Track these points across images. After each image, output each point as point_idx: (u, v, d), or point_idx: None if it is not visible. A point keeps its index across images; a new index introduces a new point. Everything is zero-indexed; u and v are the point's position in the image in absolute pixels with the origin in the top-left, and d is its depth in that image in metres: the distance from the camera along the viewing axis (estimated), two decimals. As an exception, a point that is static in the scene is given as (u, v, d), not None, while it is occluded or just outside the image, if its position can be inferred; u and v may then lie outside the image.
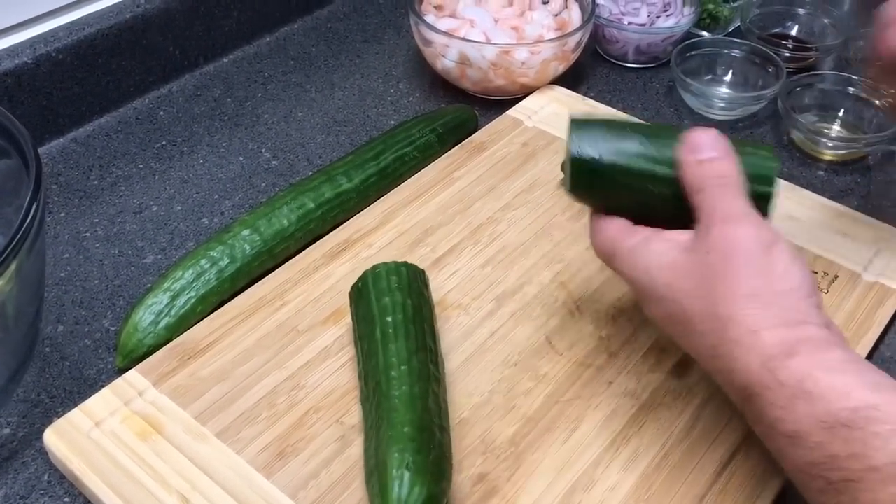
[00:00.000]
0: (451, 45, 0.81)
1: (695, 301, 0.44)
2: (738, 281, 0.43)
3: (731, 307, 0.42)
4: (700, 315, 0.44)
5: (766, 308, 0.42)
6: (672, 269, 0.45)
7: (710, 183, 0.46)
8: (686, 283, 0.44)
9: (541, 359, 0.59)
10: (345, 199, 0.69)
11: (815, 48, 0.91)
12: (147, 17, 0.83)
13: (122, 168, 0.78)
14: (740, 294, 0.43)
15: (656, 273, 0.46)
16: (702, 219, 0.46)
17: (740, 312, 0.42)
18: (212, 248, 0.63)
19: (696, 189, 0.46)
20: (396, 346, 0.53)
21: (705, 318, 0.43)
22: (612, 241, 0.49)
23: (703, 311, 0.43)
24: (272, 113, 0.85)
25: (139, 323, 0.60)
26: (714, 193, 0.45)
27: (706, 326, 0.43)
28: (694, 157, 0.47)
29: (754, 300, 0.42)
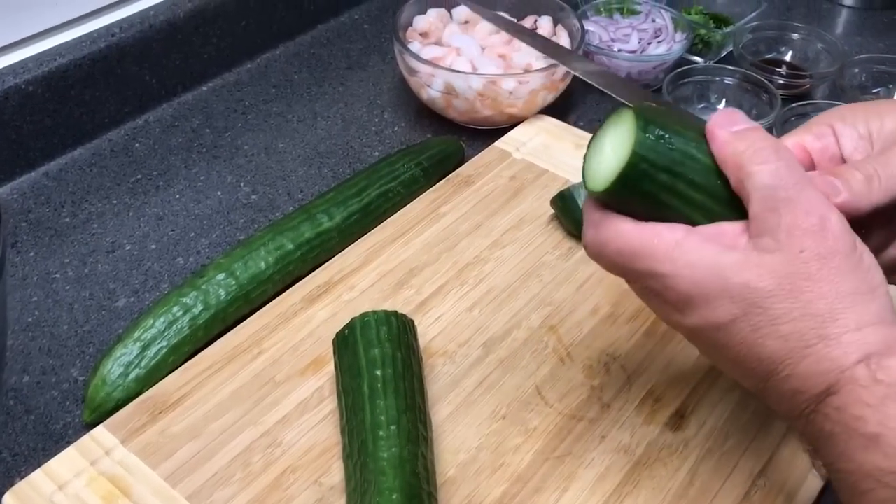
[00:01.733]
0: (436, 75, 0.79)
1: (780, 301, 0.39)
2: (838, 279, 0.39)
3: (830, 305, 0.39)
4: (785, 315, 0.39)
5: (866, 304, 0.39)
6: (748, 266, 0.40)
7: (766, 157, 0.40)
8: (769, 281, 0.39)
9: (530, 411, 0.56)
10: (325, 238, 0.66)
11: (810, 75, 0.89)
12: (122, 46, 0.80)
13: (96, 204, 0.75)
14: (842, 292, 0.39)
15: (728, 269, 0.40)
16: (769, 209, 0.40)
17: (842, 310, 0.39)
18: (185, 294, 0.60)
19: (745, 166, 0.40)
20: (385, 404, 0.50)
21: (794, 318, 0.39)
22: (645, 235, 0.41)
23: (793, 310, 0.39)
24: (252, 144, 0.82)
25: (107, 376, 0.57)
26: (778, 175, 0.40)
27: (795, 326, 0.39)
28: (728, 129, 0.41)
29: (855, 298, 0.39)
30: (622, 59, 0.85)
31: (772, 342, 0.40)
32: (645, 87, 0.88)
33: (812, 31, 0.92)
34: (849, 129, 0.46)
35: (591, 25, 0.89)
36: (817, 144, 0.45)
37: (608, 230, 0.42)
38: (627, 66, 0.86)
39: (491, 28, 0.86)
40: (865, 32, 1.01)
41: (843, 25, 1.03)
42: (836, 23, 1.03)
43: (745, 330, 0.40)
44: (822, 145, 0.45)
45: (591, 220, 0.43)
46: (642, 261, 0.41)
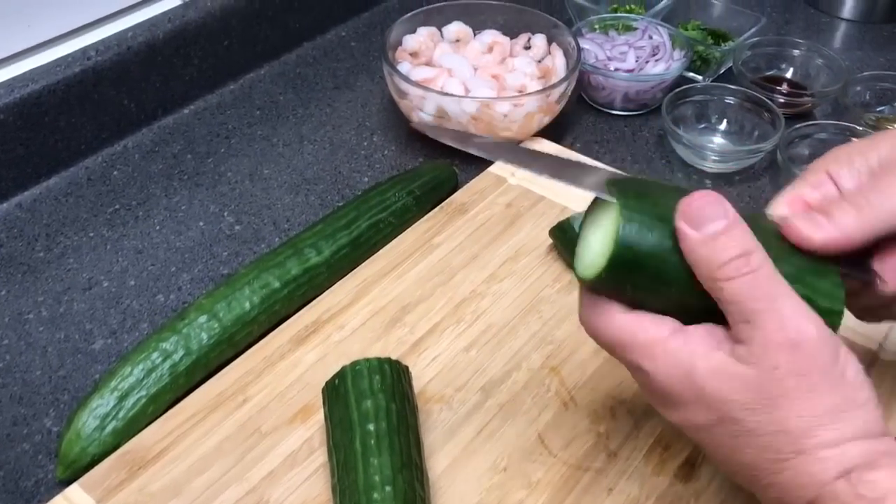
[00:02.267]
0: (427, 98, 0.75)
1: (754, 415, 0.38)
2: (815, 397, 0.38)
3: (807, 422, 0.38)
4: (760, 429, 0.38)
5: (846, 421, 0.38)
6: (723, 377, 0.38)
7: (736, 270, 0.37)
8: (743, 395, 0.38)
9: (533, 461, 0.53)
10: (314, 274, 0.63)
11: (812, 94, 0.86)
12: (98, 69, 0.76)
13: (71, 237, 0.72)
14: (819, 412, 0.38)
15: (703, 378, 0.38)
16: (743, 321, 0.38)
17: (819, 427, 0.37)
18: (164, 339, 0.57)
19: (715, 278, 0.38)
20: (379, 462, 0.47)
21: (768, 432, 0.38)
22: (630, 330, 0.40)
23: (767, 425, 0.38)
24: (236, 170, 0.79)
25: (82, 429, 0.53)
26: (749, 287, 0.37)
27: (770, 441, 0.38)
28: (699, 231, 0.38)
29: (834, 416, 0.38)
30: (619, 79, 0.83)
31: (750, 451, 0.39)
32: (642, 107, 0.86)
33: (812, 46, 0.90)
34: (845, 168, 0.44)
35: (587, 43, 0.86)
36: (816, 195, 0.44)
37: (600, 317, 0.41)
38: (625, 85, 0.83)
39: (483, 48, 0.83)
40: (866, 46, 0.99)
41: (843, 39, 1.01)
42: (836, 36, 1.01)
43: (723, 436, 0.39)
44: (821, 194, 0.44)
45: (585, 303, 0.43)
46: (629, 352, 0.41)
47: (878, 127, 0.82)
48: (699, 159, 0.79)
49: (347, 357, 0.58)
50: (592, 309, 0.42)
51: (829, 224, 0.40)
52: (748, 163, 0.79)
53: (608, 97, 0.85)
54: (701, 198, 0.38)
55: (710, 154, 0.78)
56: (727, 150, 0.80)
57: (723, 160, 0.79)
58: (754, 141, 0.80)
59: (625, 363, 0.42)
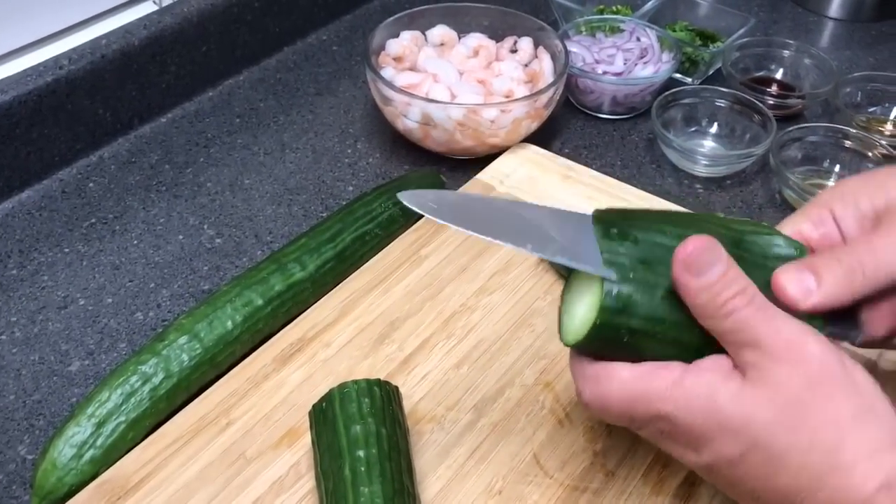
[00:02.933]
0: (412, 105, 0.73)
1: (782, 435, 0.37)
2: (835, 405, 0.37)
3: (834, 433, 0.37)
4: (792, 448, 0.37)
5: (872, 427, 0.37)
6: (744, 402, 0.37)
7: (735, 306, 0.38)
8: (767, 414, 0.37)
9: (528, 483, 0.51)
10: (298, 290, 0.61)
11: (803, 95, 0.85)
12: (72, 78, 0.74)
13: (46, 253, 0.69)
14: (843, 419, 0.37)
15: (725, 406, 0.38)
16: (748, 346, 0.38)
17: (849, 437, 0.37)
18: (143, 361, 0.55)
19: (718, 316, 0.38)
20: (370, 490, 0.45)
21: (801, 450, 0.37)
22: (641, 381, 0.39)
23: (797, 443, 0.37)
24: (216, 181, 0.77)
25: (58, 458, 0.51)
26: (748, 318, 0.38)
27: (804, 459, 0.37)
28: (700, 279, 0.38)
29: (859, 422, 0.37)
30: (607, 83, 0.81)
31: (783, 476, 0.37)
32: (631, 110, 0.84)
33: (801, 46, 0.89)
34: (850, 209, 0.43)
35: (574, 46, 0.84)
36: (815, 234, 0.43)
37: (609, 382, 0.40)
38: (613, 89, 0.81)
39: (468, 51, 0.82)
40: (854, 45, 0.98)
41: (831, 39, 1.00)
42: (824, 36, 1.00)
43: (756, 464, 0.38)
44: (820, 234, 0.43)
45: (587, 375, 0.41)
46: (647, 405, 0.39)
47: (870, 128, 0.81)
48: (690, 163, 0.78)
49: (334, 376, 0.57)
50: (599, 376, 0.40)
51: (818, 289, 0.40)
52: (740, 167, 0.77)
53: (596, 101, 0.83)
54: (696, 245, 0.38)
55: (701, 158, 0.77)
56: (718, 154, 0.79)
57: (714, 164, 0.77)
58: (745, 144, 0.79)
59: (644, 420, 0.40)
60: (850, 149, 0.76)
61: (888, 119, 0.84)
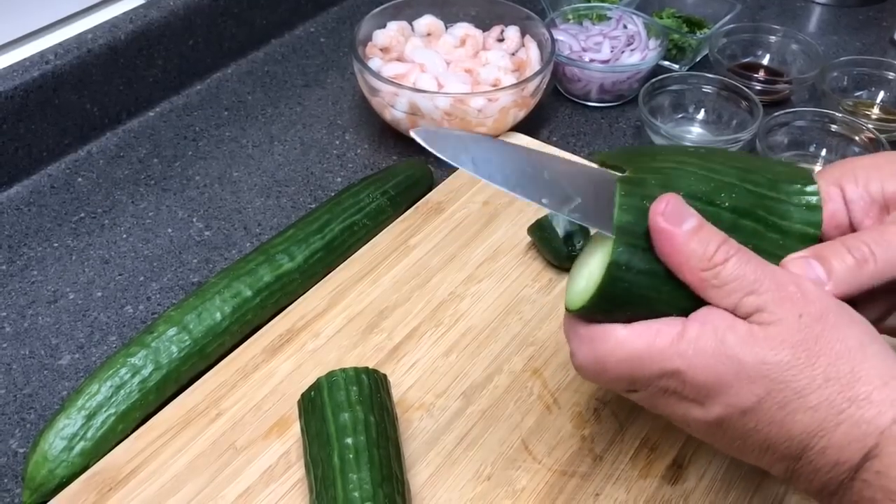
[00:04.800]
0: (399, 95, 0.74)
1: (801, 371, 0.36)
2: (844, 336, 0.37)
3: (847, 364, 0.36)
4: (809, 385, 0.36)
5: (880, 358, 0.37)
6: (757, 343, 0.37)
7: (726, 253, 0.37)
8: (782, 353, 0.36)
9: (517, 468, 0.52)
10: (286, 281, 0.61)
11: (789, 80, 0.85)
12: (58, 73, 0.74)
13: (35, 248, 0.69)
14: (853, 348, 0.37)
15: (737, 350, 0.37)
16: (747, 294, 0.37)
17: (861, 366, 0.36)
18: (132, 354, 0.55)
19: (711, 266, 0.37)
20: (359, 477, 0.45)
21: (818, 385, 0.36)
22: (643, 339, 0.38)
23: (814, 378, 0.36)
24: (204, 174, 0.77)
25: (49, 451, 0.51)
26: (743, 263, 0.37)
27: (822, 394, 0.36)
28: (682, 227, 0.38)
29: (868, 352, 0.37)
30: (594, 70, 0.81)
31: (801, 416, 0.36)
32: (619, 98, 0.84)
33: (788, 32, 0.89)
34: (860, 191, 0.42)
35: (561, 34, 0.84)
36: (825, 209, 0.42)
37: (605, 343, 0.39)
38: (600, 77, 0.81)
39: (455, 41, 0.82)
40: (841, 30, 0.98)
41: (818, 24, 1.00)
42: (811, 21, 1.00)
43: (772, 409, 0.37)
44: (829, 211, 0.42)
45: (582, 336, 0.40)
46: (651, 364, 0.38)
47: (857, 112, 0.81)
48: (677, 150, 0.78)
49: (323, 366, 0.57)
50: (595, 337, 0.39)
51: (828, 281, 0.39)
52: (727, 152, 0.78)
53: (584, 89, 0.83)
54: (670, 199, 0.38)
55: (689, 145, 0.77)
56: (706, 140, 0.79)
57: (701, 150, 0.77)
58: (732, 130, 0.79)
59: (648, 380, 0.38)
60: (836, 133, 0.77)
61: (874, 103, 0.84)
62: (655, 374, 0.38)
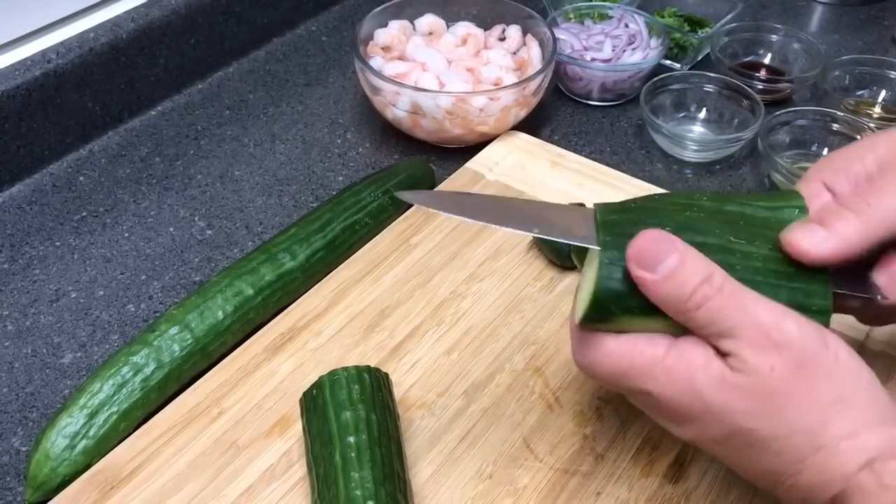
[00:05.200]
0: (401, 94, 0.74)
1: (765, 421, 0.37)
2: (818, 389, 0.37)
3: (817, 416, 0.37)
4: (773, 434, 0.37)
5: (857, 408, 0.37)
6: (725, 389, 0.37)
7: (703, 297, 0.37)
8: (748, 404, 0.37)
9: (519, 467, 0.52)
10: (288, 280, 0.61)
11: (791, 80, 0.85)
12: (60, 72, 0.74)
13: (37, 247, 0.69)
14: (826, 402, 0.37)
15: (706, 391, 0.38)
16: (724, 337, 0.38)
17: (832, 419, 0.37)
18: (134, 352, 0.55)
19: (685, 310, 0.38)
20: (361, 476, 0.45)
21: (782, 435, 0.37)
22: (626, 356, 0.40)
23: (778, 429, 0.37)
24: (206, 173, 0.77)
25: (51, 449, 0.51)
26: (720, 308, 0.37)
27: (785, 444, 0.37)
28: (655, 273, 0.38)
29: (843, 404, 0.37)
30: (596, 69, 0.81)
31: (767, 458, 0.38)
32: (621, 98, 0.84)
33: (789, 31, 0.89)
34: (841, 175, 0.43)
35: (562, 33, 0.84)
36: (813, 206, 0.42)
37: (596, 351, 0.41)
38: (602, 76, 0.81)
39: (456, 40, 0.82)
40: (843, 29, 0.98)
41: (820, 23, 1.00)
42: (813, 20, 1.00)
43: (740, 446, 0.38)
44: (818, 205, 0.42)
45: (578, 340, 0.42)
46: (630, 379, 0.40)
47: (858, 112, 0.81)
48: (679, 149, 0.78)
49: (325, 365, 0.57)
50: (587, 344, 0.41)
51: (830, 235, 0.39)
52: (728, 151, 0.78)
53: (585, 88, 0.83)
54: (646, 239, 0.38)
55: (690, 143, 0.77)
56: (707, 139, 0.79)
57: (703, 149, 0.78)
58: (734, 129, 0.79)
59: (627, 391, 0.41)
60: (838, 132, 0.77)
61: (876, 102, 0.84)
62: (633, 390, 0.40)
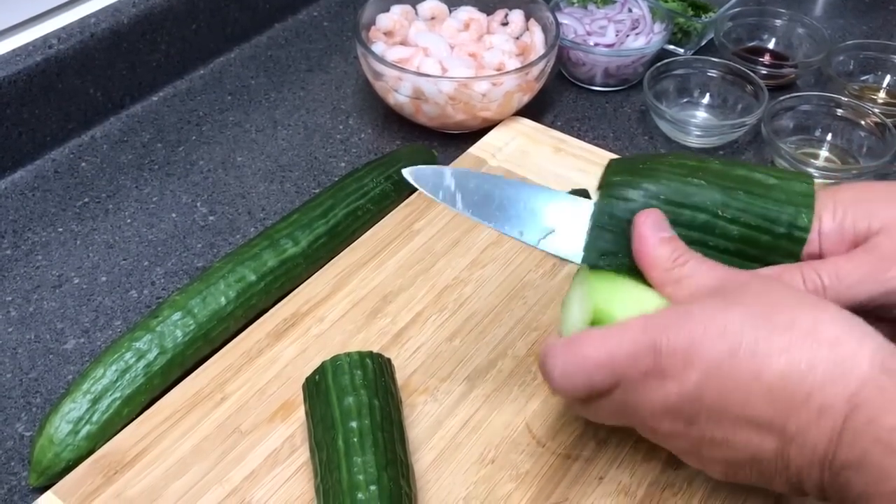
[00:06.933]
0: (403, 79, 0.73)
1: (762, 321, 0.38)
2: (799, 301, 0.39)
3: (811, 314, 0.37)
4: (776, 330, 0.37)
5: (836, 316, 0.38)
6: (718, 306, 0.39)
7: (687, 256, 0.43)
8: (741, 309, 0.38)
9: (521, 452, 0.52)
10: (291, 266, 0.61)
11: (795, 65, 0.85)
12: (61, 58, 0.74)
13: (39, 233, 0.69)
14: (810, 303, 0.39)
15: (704, 314, 0.39)
16: (701, 286, 0.42)
17: (822, 316, 0.37)
18: (138, 338, 0.55)
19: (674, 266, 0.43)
20: (363, 460, 0.45)
21: (784, 330, 0.37)
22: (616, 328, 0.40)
23: (776, 325, 0.37)
24: (208, 159, 0.77)
25: (55, 434, 0.51)
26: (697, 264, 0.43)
27: (788, 338, 0.37)
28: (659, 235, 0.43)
29: (827, 313, 0.38)
30: (599, 54, 0.81)
31: (776, 360, 0.37)
32: (623, 82, 0.84)
33: (794, 15, 0.88)
34: (835, 225, 0.44)
35: (565, 18, 0.84)
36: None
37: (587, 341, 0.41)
38: (605, 61, 0.81)
39: (459, 25, 0.81)
40: (847, 14, 0.97)
41: (824, 7, 0.99)
42: (817, 5, 0.99)
43: (746, 358, 0.37)
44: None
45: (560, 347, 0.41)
46: (626, 346, 0.39)
47: (862, 97, 0.81)
48: (682, 134, 0.78)
49: (328, 350, 0.57)
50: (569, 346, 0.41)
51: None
52: (732, 137, 0.77)
53: (588, 73, 0.83)
54: (654, 212, 0.44)
55: (694, 129, 0.77)
56: (710, 125, 0.79)
57: (706, 135, 0.77)
58: (738, 114, 0.79)
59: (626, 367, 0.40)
60: (842, 117, 0.76)
61: (881, 87, 0.84)
62: (632, 355, 0.39)
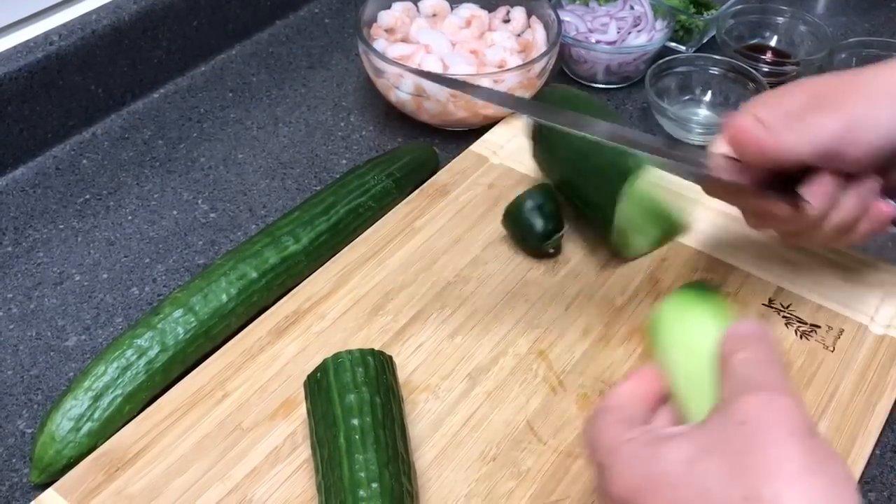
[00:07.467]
0: (405, 76, 0.73)
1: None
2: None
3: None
4: None
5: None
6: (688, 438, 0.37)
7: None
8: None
9: (522, 450, 0.52)
10: (292, 263, 0.61)
11: (797, 62, 0.84)
12: (62, 54, 0.73)
13: (40, 230, 0.69)
14: None
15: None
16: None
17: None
18: (139, 335, 0.55)
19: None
20: (365, 458, 0.45)
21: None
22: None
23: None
24: (209, 156, 0.77)
25: (56, 431, 0.51)
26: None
27: None
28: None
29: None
30: (601, 52, 0.81)
31: None
32: (626, 80, 0.84)
33: (796, 13, 0.88)
34: (774, 108, 0.51)
35: (567, 15, 0.84)
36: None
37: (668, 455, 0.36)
38: (607, 58, 0.81)
39: (460, 22, 0.81)
40: (850, 11, 0.97)
41: (826, 5, 0.99)
42: (819, 2, 0.99)
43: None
44: None
45: (636, 453, 0.38)
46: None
47: (865, 94, 0.81)
48: (684, 132, 0.78)
49: (329, 348, 0.57)
50: (646, 459, 0.37)
51: (771, 135, 0.49)
52: (734, 135, 0.77)
53: (590, 70, 0.83)
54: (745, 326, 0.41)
55: (695, 126, 0.77)
56: (712, 122, 0.79)
57: (708, 132, 0.77)
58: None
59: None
60: (844, 115, 0.76)
61: (883, 85, 0.84)
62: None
